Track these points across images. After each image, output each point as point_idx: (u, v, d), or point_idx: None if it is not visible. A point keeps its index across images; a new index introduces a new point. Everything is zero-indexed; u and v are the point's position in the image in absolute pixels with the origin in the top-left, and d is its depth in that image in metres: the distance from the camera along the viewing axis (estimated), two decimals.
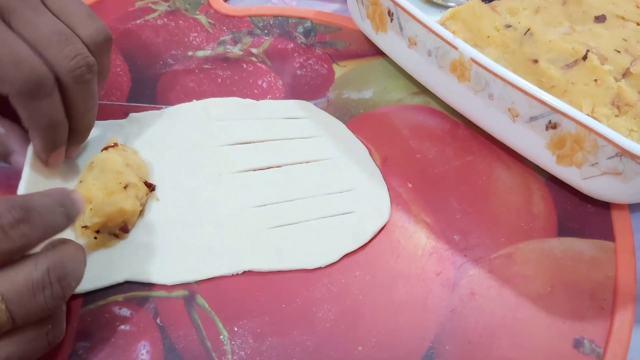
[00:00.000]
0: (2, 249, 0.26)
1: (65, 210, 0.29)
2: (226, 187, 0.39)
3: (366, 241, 0.37)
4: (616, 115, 0.37)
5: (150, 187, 0.38)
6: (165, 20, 0.51)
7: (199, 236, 0.37)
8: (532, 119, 0.37)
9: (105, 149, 0.38)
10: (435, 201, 0.40)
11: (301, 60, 0.48)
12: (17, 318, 0.26)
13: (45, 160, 0.36)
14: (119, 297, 0.34)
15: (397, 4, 0.41)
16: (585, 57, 0.38)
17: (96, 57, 0.35)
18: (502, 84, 0.37)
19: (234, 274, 0.36)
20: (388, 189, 0.40)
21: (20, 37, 0.33)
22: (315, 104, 0.45)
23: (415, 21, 0.41)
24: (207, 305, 0.34)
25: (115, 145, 0.38)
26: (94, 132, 0.39)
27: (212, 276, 0.35)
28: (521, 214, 0.39)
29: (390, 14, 0.43)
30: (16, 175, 0.38)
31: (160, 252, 0.36)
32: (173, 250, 0.36)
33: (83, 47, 0.34)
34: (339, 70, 0.48)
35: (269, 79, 0.47)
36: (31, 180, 0.35)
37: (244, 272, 0.36)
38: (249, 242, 0.37)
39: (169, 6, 0.52)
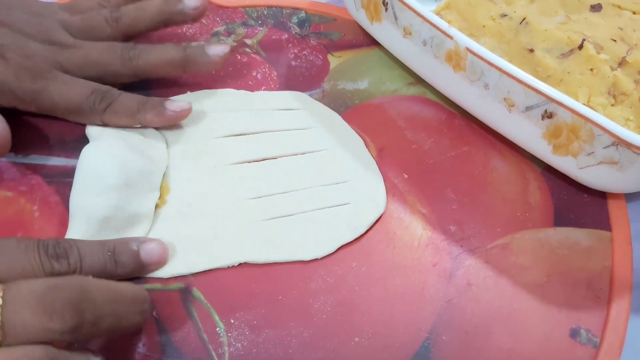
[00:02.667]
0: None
1: (113, 258, 0.32)
2: (221, 180, 0.39)
3: (362, 232, 0.37)
4: (612, 105, 0.37)
5: None
6: None
7: (194, 228, 0.37)
8: (528, 108, 0.37)
9: None
10: (431, 192, 0.40)
11: (296, 51, 0.48)
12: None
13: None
14: None
15: None
16: (581, 46, 0.38)
17: None
18: (498, 74, 0.37)
19: (230, 266, 0.35)
20: (384, 180, 0.40)
21: None
22: (310, 95, 0.45)
23: (410, 11, 0.40)
24: (203, 298, 0.34)
25: None
26: None
27: (208, 268, 0.35)
28: (517, 204, 0.39)
29: (384, 3, 0.43)
30: (9, 170, 0.38)
31: None
32: (168, 243, 0.36)
33: None
34: (334, 60, 0.48)
35: (264, 70, 0.47)
36: None
37: (240, 264, 0.36)
38: (244, 234, 0.37)
39: None
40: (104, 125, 0.39)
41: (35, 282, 0.26)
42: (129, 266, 0.33)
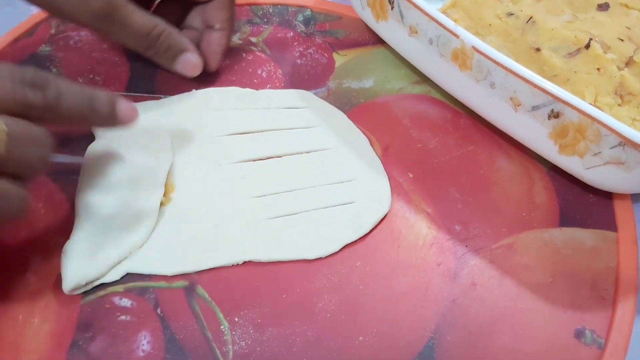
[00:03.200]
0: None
1: (92, 104, 0.32)
2: (225, 178, 0.39)
3: (367, 231, 0.37)
4: (619, 105, 0.37)
5: None
6: None
7: (198, 227, 0.37)
8: (534, 108, 0.37)
9: None
10: (436, 191, 0.40)
11: (301, 49, 0.48)
12: None
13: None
14: (119, 288, 0.34)
15: None
16: (587, 46, 0.38)
17: None
18: (504, 73, 0.37)
19: (234, 264, 0.35)
20: (389, 179, 0.40)
21: None
22: (315, 94, 0.45)
23: (416, 9, 0.40)
24: (207, 296, 0.34)
25: None
26: None
27: (212, 266, 0.35)
28: (523, 204, 0.39)
29: (390, 1, 0.43)
30: None
31: (160, 243, 0.36)
32: (173, 240, 0.36)
33: None
34: (339, 59, 0.47)
35: (269, 68, 0.46)
36: None
37: (244, 262, 0.36)
38: (248, 233, 0.37)
39: None
40: None
41: None
42: (104, 115, 0.33)
